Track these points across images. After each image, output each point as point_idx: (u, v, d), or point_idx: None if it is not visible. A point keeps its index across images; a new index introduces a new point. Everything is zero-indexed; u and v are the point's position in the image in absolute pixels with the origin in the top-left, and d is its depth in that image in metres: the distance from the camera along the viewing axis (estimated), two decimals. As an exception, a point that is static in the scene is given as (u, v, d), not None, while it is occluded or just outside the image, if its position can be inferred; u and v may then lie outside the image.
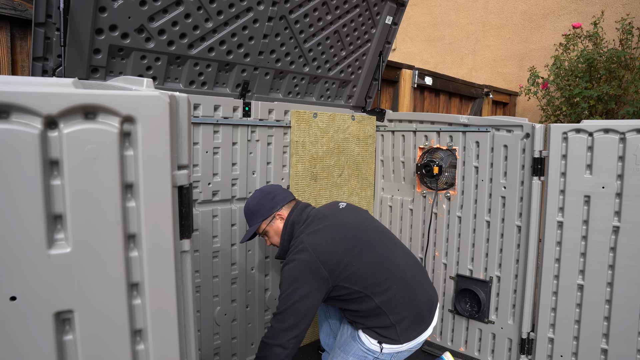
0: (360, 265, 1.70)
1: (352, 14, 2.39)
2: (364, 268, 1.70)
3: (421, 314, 1.78)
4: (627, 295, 1.98)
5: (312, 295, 1.65)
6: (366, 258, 1.72)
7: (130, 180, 0.85)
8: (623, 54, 3.88)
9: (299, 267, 1.66)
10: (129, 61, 1.79)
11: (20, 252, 0.76)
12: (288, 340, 1.66)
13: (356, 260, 1.70)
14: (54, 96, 0.76)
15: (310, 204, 1.96)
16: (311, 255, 1.66)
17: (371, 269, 1.71)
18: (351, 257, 1.69)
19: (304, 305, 1.64)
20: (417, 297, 1.77)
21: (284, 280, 1.68)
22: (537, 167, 2.21)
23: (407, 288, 1.75)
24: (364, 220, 1.85)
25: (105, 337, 0.85)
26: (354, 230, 1.77)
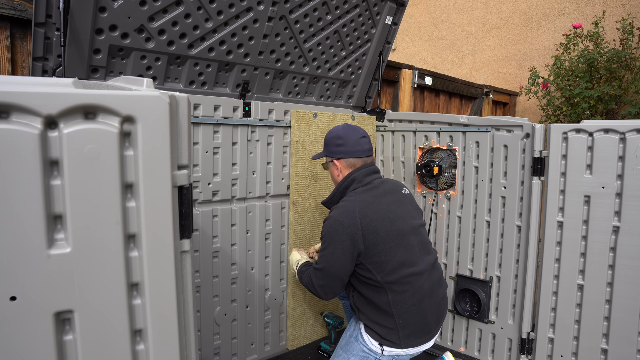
0: (391, 259, 1.69)
1: (352, 14, 2.39)
2: (393, 263, 1.69)
3: (427, 326, 1.77)
4: (627, 295, 1.98)
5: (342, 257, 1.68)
6: (399, 256, 1.71)
7: (130, 180, 0.85)
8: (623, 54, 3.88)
9: (340, 228, 1.68)
10: (129, 61, 1.79)
11: (20, 252, 0.76)
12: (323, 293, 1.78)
13: (391, 252, 1.70)
14: (54, 96, 0.76)
15: (377, 171, 1.90)
16: (356, 224, 1.67)
17: (398, 268, 1.70)
18: (388, 247, 1.69)
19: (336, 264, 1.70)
20: (429, 310, 1.76)
21: (324, 236, 1.74)
22: (537, 167, 2.21)
23: (422, 299, 1.74)
24: (412, 219, 1.84)
25: (105, 337, 0.85)
26: (402, 224, 1.76)
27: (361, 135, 1.91)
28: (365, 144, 1.90)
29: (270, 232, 2.40)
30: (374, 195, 1.78)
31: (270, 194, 2.39)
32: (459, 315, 2.54)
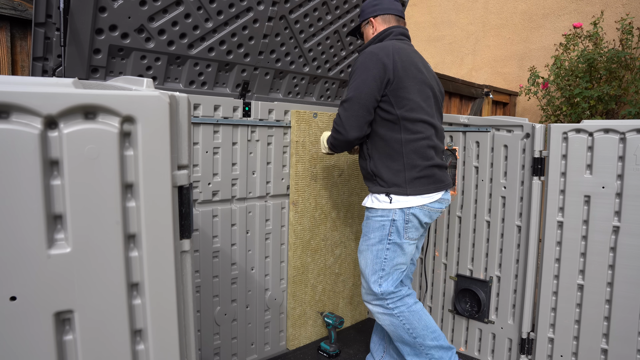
0: (412, 98, 1.79)
1: (352, 14, 2.39)
2: (413, 103, 1.79)
3: (433, 174, 1.83)
4: (627, 295, 1.98)
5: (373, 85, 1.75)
6: (418, 99, 1.81)
7: (130, 180, 0.85)
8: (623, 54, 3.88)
9: (374, 58, 1.77)
10: (129, 61, 1.79)
11: (20, 252, 0.76)
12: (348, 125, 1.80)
13: (413, 92, 1.79)
14: (54, 96, 0.76)
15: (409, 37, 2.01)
16: (389, 56, 1.77)
17: (415, 109, 1.80)
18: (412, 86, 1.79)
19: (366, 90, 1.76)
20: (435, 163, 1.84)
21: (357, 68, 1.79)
22: (537, 167, 2.21)
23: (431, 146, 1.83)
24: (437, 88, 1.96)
25: (105, 337, 0.85)
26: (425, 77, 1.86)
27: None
28: (399, 5, 2.00)
29: (270, 232, 2.40)
30: (408, 48, 1.87)
31: (270, 194, 2.39)
32: (459, 315, 2.54)
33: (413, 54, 1.88)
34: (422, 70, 1.87)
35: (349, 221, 2.76)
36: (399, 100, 1.77)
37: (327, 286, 2.68)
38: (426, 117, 1.82)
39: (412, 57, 1.85)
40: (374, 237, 1.86)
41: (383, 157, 1.82)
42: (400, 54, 1.79)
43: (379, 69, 1.75)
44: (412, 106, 1.79)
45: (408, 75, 1.78)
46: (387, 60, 1.76)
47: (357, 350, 2.54)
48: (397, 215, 1.81)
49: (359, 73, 1.79)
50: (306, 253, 2.53)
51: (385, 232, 1.83)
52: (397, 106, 1.78)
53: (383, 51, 1.78)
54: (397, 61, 1.77)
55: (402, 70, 1.77)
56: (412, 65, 1.82)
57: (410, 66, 1.81)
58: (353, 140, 1.83)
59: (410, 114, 1.79)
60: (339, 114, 1.84)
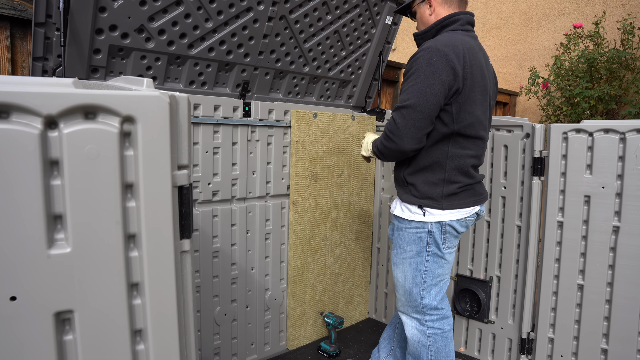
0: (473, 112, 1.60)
1: (352, 14, 2.39)
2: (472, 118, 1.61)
3: (472, 189, 1.71)
4: (627, 295, 1.98)
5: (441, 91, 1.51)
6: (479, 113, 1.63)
7: (130, 180, 0.85)
8: (624, 54, 3.88)
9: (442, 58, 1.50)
10: (129, 61, 1.79)
11: (20, 252, 0.76)
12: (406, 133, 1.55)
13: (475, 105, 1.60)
14: (54, 96, 0.76)
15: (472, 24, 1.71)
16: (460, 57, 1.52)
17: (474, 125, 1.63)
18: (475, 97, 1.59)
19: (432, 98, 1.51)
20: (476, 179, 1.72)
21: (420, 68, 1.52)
22: (537, 167, 2.21)
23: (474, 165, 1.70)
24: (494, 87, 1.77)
25: (105, 337, 0.85)
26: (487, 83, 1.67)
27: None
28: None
29: (270, 232, 2.40)
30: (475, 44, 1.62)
31: (270, 194, 2.39)
32: (459, 315, 2.54)
33: (479, 53, 1.64)
34: (486, 74, 1.66)
35: (349, 221, 2.76)
36: (461, 113, 1.57)
37: (327, 286, 2.68)
38: (482, 134, 1.68)
39: (479, 58, 1.62)
40: (410, 249, 1.71)
41: (422, 166, 1.66)
42: (472, 56, 1.56)
43: (449, 73, 1.51)
44: (471, 121, 1.61)
45: (475, 84, 1.58)
46: (459, 65, 1.52)
47: (357, 350, 2.54)
48: (434, 227, 1.67)
49: (424, 74, 1.51)
50: (306, 253, 2.53)
51: (423, 244, 1.69)
52: (457, 120, 1.58)
53: (454, 51, 1.52)
54: (467, 65, 1.54)
55: (471, 78, 1.55)
56: (479, 71, 1.60)
57: (477, 72, 1.59)
58: (408, 152, 1.62)
59: (467, 130, 1.61)
60: (396, 121, 1.58)
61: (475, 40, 1.67)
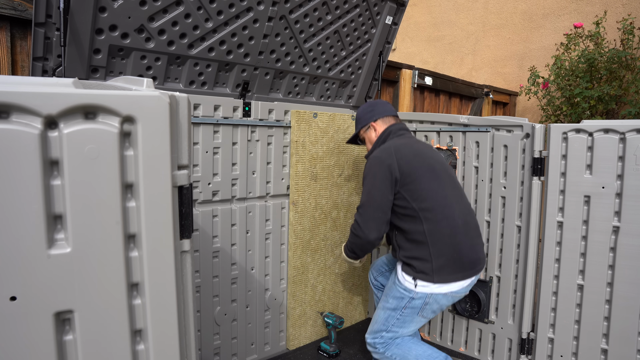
0: (425, 187, 1.84)
1: (352, 14, 2.39)
2: (427, 191, 1.84)
3: (460, 261, 1.84)
4: (627, 295, 1.98)
5: (382, 186, 1.85)
6: (432, 185, 1.86)
7: (130, 180, 0.85)
8: (624, 54, 3.88)
9: (378, 162, 1.89)
10: (129, 61, 1.80)
11: (20, 252, 0.76)
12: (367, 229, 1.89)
13: (424, 180, 1.85)
14: (54, 96, 0.76)
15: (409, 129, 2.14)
16: (391, 156, 1.87)
17: (432, 196, 1.84)
18: (421, 175, 1.85)
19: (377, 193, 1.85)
20: (462, 245, 1.85)
21: (366, 174, 1.92)
22: (537, 167, 2.21)
23: (455, 231, 1.84)
24: (442, 160, 2.01)
25: (105, 337, 0.85)
26: (432, 161, 1.93)
27: (384, 102, 2.19)
28: (390, 106, 2.17)
29: (270, 232, 2.40)
30: (408, 141, 1.98)
31: (270, 194, 2.39)
32: (459, 315, 2.54)
33: (414, 144, 1.97)
34: (427, 153, 1.94)
35: (348, 221, 2.76)
36: (411, 193, 1.84)
37: (327, 286, 2.68)
38: (442, 200, 1.85)
39: (413, 147, 1.94)
40: (391, 302, 1.92)
41: (411, 247, 1.86)
42: (401, 150, 1.89)
43: (384, 171, 1.85)
44: (425, 194, 1.83)
45: (413, 167, 1.85)
46: (391, 161, 1.86)
47: (357, 350, 2.54)
48: (418, 296, 1.85)
49: (368, 179, 1.90)
50: (306, 253, 2.53)
51: (401, 304, 1.88)
52: (412, 199, 1.83)
53: (385, 153, 1.90)
54: (399, 158, 1.86)
55: (406, 165, 1.85)
56: (416, 155, 1.90)
57: (413, 158, 1.88)
58: (374, 241, 1.90)
59: (425, 204, 1.83)
60: (356, 220, 1.93)
61: (410, 138, 2.04)
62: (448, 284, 1.83)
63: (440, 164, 1.95)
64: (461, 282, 1.86)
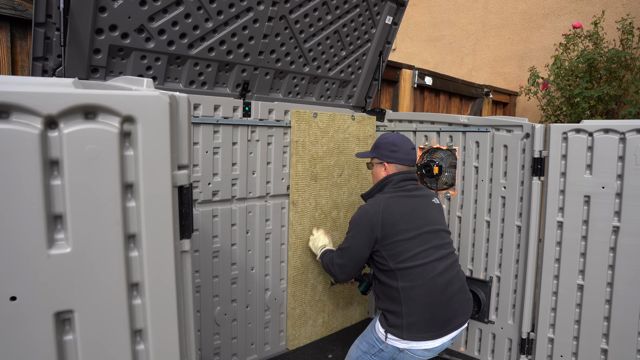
0: (406, 248, 1.84)
1: (352, 14, 2.39)
2: (407, 252, 1.84)
3: (433, 321, 1.80)
4: (627, 295, 1.98)
5: (361, 242, 1.91)
6: (414, 247, 1.85)
7: (130, 180, 0.85)
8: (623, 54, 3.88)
9: (365, 215, 1.93)
10: (129, 61, 1.79)
11: (20, 252, 0.76)
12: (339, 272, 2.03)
13: (406, 243, 1.85)
14: (54, 96, 0.76)
15: (414, 179, 2.09)
16: (378, 213, 1.89)
17: (411, 258, 1.83)
18: (404, 237, 1.86)
19: (354, 246, 1.93)
20: (437, 306, 1.81)
21: (352, 222, 1.98)
22: (537, 167, 2.21)
23: (432, 292, 1.81)
24: (435, 222, 1.97)
25: (105, 337, 0.85)
26: (422, 222, 1.92)
27: (412, 147, 2.11)
28: (413, 155, 2.11)
29: (270, 232, 2.40)
30: (402, 196, 1.97)
31: (270, 194, 2.39)
32: (459, 315, 2.54)
33: (408, 200, 1.96)
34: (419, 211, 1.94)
35: (348, 221, 2.75)
36: (390, 253, 1.85)
37: (327, 286, 2.68)
38: (422, 261, 1.83)
39: (406, 204, 1.94)
40: (364, 345, 1.93)
41: (387, 300, 1.88)
42: (390, 207, 1.90)
43: (367, 228, 1.89)
44: (406, 257, 1.83)
45: (397, 229, 1.86)
46: (375, 219, 1.88)
47: (357, 350, 2.53)
48: (387, 349, 1.84)
49: (352, 230, 1.96)
50: (306, 253, 2.53)
51: (371, 351, 1.90)
52: (390, 259, 1.85)
53: (374, 208, 1.92)
54: (385, 218, 1.87)
55: (390, 226, 1.86)
56: (404, 215, 1.89)
57: (400, 218, 1.88)
58: (341, 280, 2.07)
59: (404, 264, 1.83)
60: (333, 260, 2.05)
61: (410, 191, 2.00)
62: (417, 342, 1.80)
63: (430, 222, 1.93)
64: (432, 342, 1.81)
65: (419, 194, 2.02)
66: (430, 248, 1.87)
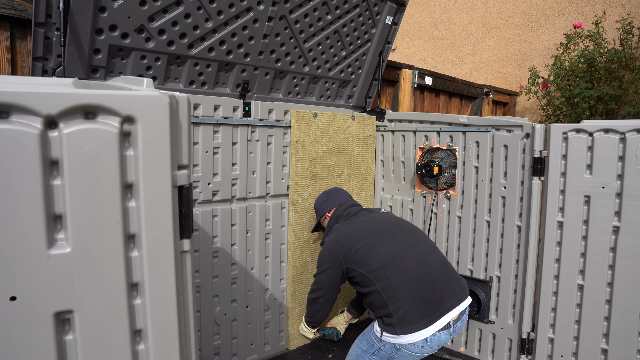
0: (369, 251, 1.94)
1: (352, 14, 2.39)
2: (372, 254, 1.93)
3: (422, 309, 1.79)
4: (627, 295, 1.98)
5: (329, 271, 2.05)
6: (376, 247, 1.94)
7: (130, 180, 0.85)
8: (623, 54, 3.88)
9: (325, 249, 2.09)
10: (129, 61, 1.79)
11: (20, 252, 0.76)
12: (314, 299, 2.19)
13: (367, 247, 1.95)
14: (54, 96, 0.76)
15: (358, 204, 2.31)
16: (333, 240, 2.05)
17: (377, 256, 1.91)
18: (363, 244, 1.96)
19: (323, 278, 2.08)
20: (421, 293, 1.82)
21: (319, 262, 2.12)
22: (537, 167, 2.21)
23: (410, 281, 1.83)
24: (390, 219, 2.11)
25: (105, 337, 0.85)
26: (376, 225, 2.04)
27: (337, 190, 2.40)
28: (345, 193, 2.39)
29: (270, 232, 2.40)
30: (350, 222, 2.12)
31: (270, 194, 2.39)
32: (459, 315, 2.54)
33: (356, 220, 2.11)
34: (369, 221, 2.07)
35: (349, 221, 2.76)
36: (357, 263, 1.95)
37: (327, 286, 2.68)
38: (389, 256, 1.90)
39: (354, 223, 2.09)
40: (362, 345, 1.97)
41: (376, 308, 1.92)
42: (342, 236, 2.04)
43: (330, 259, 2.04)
44: (370, 259, 1.92)
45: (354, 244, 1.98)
46: (333, 249, 2.03)
47: (357, 350, 2.54)
48: (385, 348, 1.86)
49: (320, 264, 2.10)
50: (306, 253, 2.53)
51: (370, 350, 1.93)
52: (360, 267, 1.94)
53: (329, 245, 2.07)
54: (340, 245, 2.01)
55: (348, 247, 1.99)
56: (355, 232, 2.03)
57: (352, 236, 2.01)
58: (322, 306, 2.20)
59: (372, 266, 1.90)
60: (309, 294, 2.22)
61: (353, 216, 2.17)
62: (412, 334, 1.79)
63: (384, 224, 2.05)
64: (427, 330, 1.79)
65: (365, 211, 2.20)
66: (393, 243, 1.94)
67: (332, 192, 2.40)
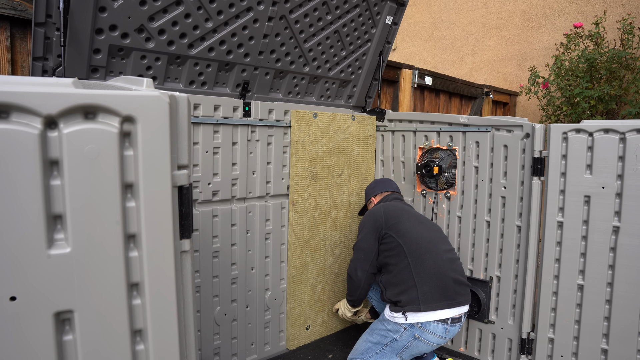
0: (410, 228, 2.13)
1: (352, 14, 2.39)
2: (412, 231, 2.12)
3: (445, 291, 2.00)
4: (627, 295, 1.98)
5: (368, 235, 2.21)
6: (417, 228, 2.14)
7: (130, 180, 0.85)
8: (624, 54, 3.88)
9: (368, 213, 2.30)
10: (129, 61, 1.79)
11: (20, 252, 0.76)
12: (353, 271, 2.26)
13: (409, 223, 2.16)
14: (54, 96, 0.76)
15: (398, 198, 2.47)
16: (380, 207, 2.29)
17: (416, 235, 2.11)
18: (406, 220, 2.17)
19: (363, 244, 2.23)
20: (446, 277, 2.02)
21: (360, 225, 2.31)
22: (537, 167, 2.21)
23: (439, 264, 2.05)
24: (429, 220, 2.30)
25: (105, 337, 0.85)
26: (418, 215, 2.28)
27: (385, 180, 2.57)
28: (390, 183, 2.54)
29: (270, 232, 2.40)
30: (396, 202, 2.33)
31: (270, 194, 2.39)
32: (459, 315, 2.54)
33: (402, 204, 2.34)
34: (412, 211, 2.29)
35: (348, 221, 2.76)
36: (396, 231, 2.13)
37: (327, 286, 2.68)
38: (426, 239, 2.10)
39: (400, 205, 2.31)
40: (374, 337, 2.08)
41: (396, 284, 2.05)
42: (389, 206, 2.27)
43: (372, 221, 2.22)
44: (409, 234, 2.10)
45: (397, 215, 2.20)
46: (378, 213, 2.24)
47: (357, 350, 2.53)
48: (402, 337, 1.99)
49: (361, 228, 2.29)
50: (306, 253, 2.53)
51: (383, 341, 2.04)
52: (397, 236, 2.11)
53: (375, 208, 2.31)
54: (385, 211, 2.23)
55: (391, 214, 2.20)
56: (401, 209, 2.25)
57: (398, 210, 2.24)
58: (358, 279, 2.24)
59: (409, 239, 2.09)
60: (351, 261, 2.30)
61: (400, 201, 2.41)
62: (434, 312, 1.97)
63: (424, 218, 2.28)
64: (445, 311, 1.98)
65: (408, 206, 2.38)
66: (431, 232, 2.16)
67: (382, 181, 2.57)
